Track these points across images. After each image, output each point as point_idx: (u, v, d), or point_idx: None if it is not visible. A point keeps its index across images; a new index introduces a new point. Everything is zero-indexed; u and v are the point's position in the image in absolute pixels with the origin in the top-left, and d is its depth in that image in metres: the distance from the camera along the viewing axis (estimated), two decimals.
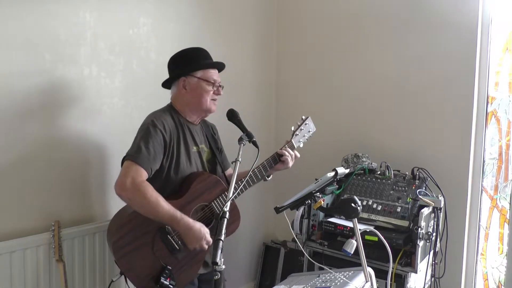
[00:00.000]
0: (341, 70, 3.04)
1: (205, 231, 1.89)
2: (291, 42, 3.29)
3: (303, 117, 2.29)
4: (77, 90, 2.24)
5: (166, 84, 2.17)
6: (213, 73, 2.10)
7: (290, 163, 2.17)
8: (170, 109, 2.12)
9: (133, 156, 1.88)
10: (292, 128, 2.24)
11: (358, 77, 2.97)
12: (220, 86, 2.12)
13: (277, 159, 2.16)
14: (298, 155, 2.21)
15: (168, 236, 1.89)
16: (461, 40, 2.57)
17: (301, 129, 2.25)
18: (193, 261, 1.97)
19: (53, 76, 2.15)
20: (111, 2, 2.34)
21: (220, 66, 2.15)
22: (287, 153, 2.15)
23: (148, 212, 1.84)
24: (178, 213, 1.86)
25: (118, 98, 2.42)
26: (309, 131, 2.27)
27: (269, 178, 2.21)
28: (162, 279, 1.85)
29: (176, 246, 1.90)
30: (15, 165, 2.06)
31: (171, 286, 1.86)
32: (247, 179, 2.02)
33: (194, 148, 2.10)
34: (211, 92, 2.08)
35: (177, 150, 2.02)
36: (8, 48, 1.99)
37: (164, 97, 2.59)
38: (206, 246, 1.90)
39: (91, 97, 2.30)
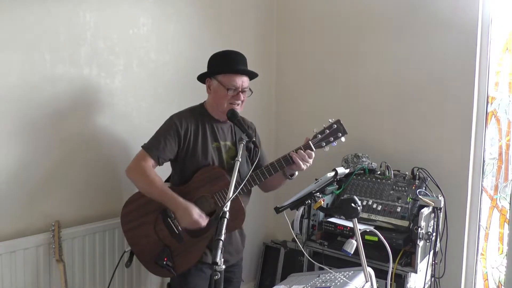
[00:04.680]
0: (341, 70, 3.04)
1: (193, 210, 1.97)
2: (291, 42, 3.29)
3: (331, 120, 2.08)
4: (76, 90, 2.24)
5: (201, 79, 2.19)
6: (235, 79, 2.06)
7: (302, 165, 2.01)
8: (199, 106, 2.20)
9: (145, 146, 2.08)
10: (315, 130, 2.08)
11: (358, 77, 2.96)
12: (242, 91, 2.08)
13: (290, 160, 2.02)
14: (313, 154, 2.04)
15: (168, 219, 2.02)
16: (461, 40, 2.57)
17: (325, 132, 2.06)
18: (194, 248, 2.05)
19: (53, 76, 2.15)
20: (111, 2, 2.34)
21: (247, 73, 2.11)
22: (296, 156, 2.01)
23: (144, 189, 2.04)
24: (170, 192, 2.00)
25: (118, 98, 2.42)
26: (338, 134, 2.07)
27: (292, 177, 2.12)
28: (159, 258, 1.99)
29: (176, 230, 2.02)
30: (14, 166, 2.07)
31: (168, 266, 2.00)
32: (254, 177, 2.02)
33: (214, 144, 2.13)
34: (228, 97, 2.06)
35: (194, 144, 2.09)
36: (8, 48, 1.99)
37: (165, 98, 2.60)
38: (201, 224, 1.97)
39: (91, 97, 2.30)
